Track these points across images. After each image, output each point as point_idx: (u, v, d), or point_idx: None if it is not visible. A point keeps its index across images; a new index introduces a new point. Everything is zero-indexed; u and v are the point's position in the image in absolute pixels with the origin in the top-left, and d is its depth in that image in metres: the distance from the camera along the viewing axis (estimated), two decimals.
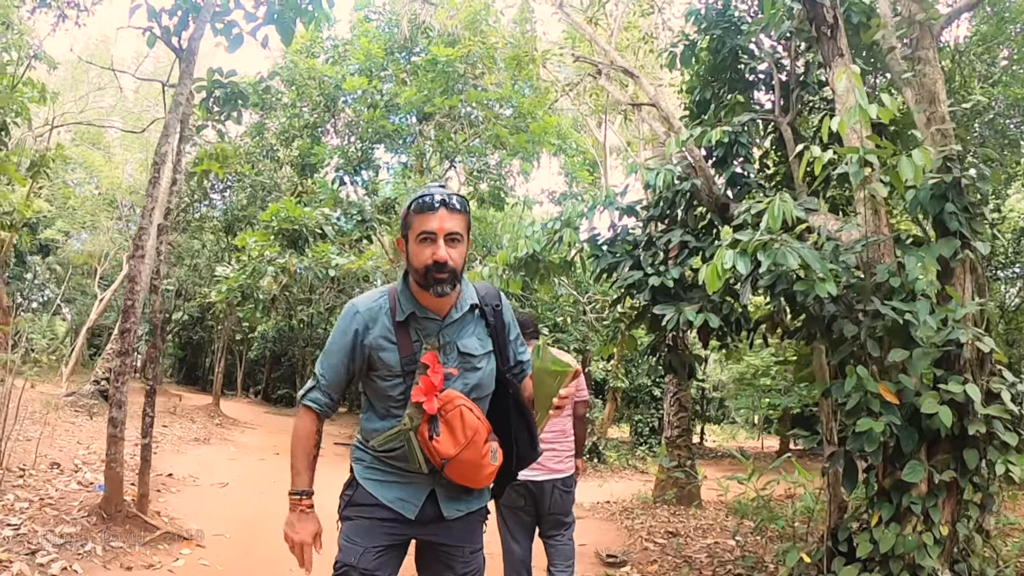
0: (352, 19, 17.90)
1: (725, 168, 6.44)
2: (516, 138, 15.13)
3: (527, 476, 3.95)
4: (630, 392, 19.51)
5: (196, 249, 22.43)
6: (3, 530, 5.39)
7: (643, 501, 10.42)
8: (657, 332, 6.67)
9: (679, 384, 10.83)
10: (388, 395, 2.40)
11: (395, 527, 2.44)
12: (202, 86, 8.14)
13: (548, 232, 6.93)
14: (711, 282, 4.26)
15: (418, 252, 2.32)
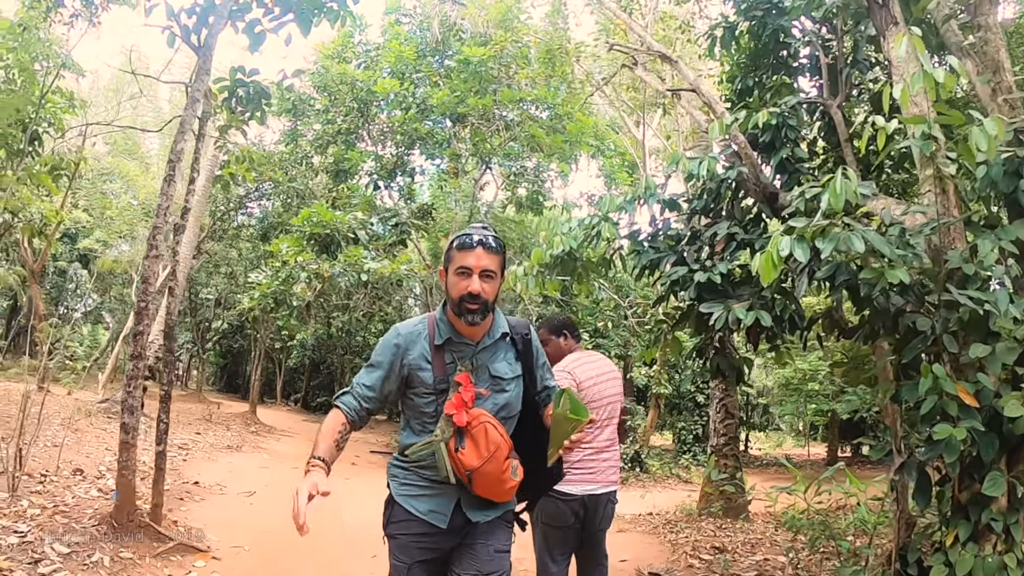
0: (383, 23, 17.69)
1: (773, 154, 6.00)
2: (552, 139, 14.80)
3: (585, 490, 3.89)
4: (673, 398, 18.96)
5: (233, 258, 22.36)
6: (9, 537, 5.15)
7: (688, 513, 9.85)
8: (703, 333, 6.22)
9: (726, 389, 10.28)
10: (423, 411, 2.63)
11: (431, 540, 2.65)
12: (225, 86, 7.94)
13: (585, 228, 6.50)
14: (766, 273, 3.82)
15: (456, 283, 2.59)
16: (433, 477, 2.62)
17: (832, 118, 6.04)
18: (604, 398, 4.08)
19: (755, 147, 6.16)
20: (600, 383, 4.10)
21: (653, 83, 8.43)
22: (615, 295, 15.96)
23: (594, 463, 3.99)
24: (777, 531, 8.26)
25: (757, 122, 5.38)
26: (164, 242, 6.63)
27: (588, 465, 3.96)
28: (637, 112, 16.93)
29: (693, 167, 5.80)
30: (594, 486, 3.94)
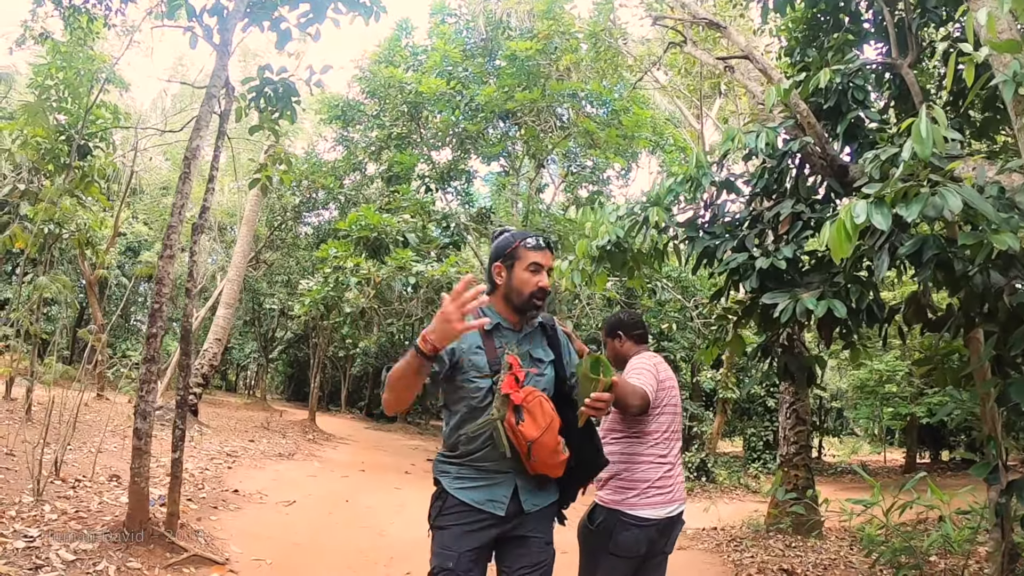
0: (430, 25, 17.48)
1: (840, 120, 5.37)
2: (607, 132, 14.31)
3: (665, 513, 3.40)
4: (742, 403, 18.19)
5: (291, 267, 22.45)
6: (17, 541, 4.91)
7: (755, 530, 9.09)
8: (769, 328, 5.66)
9: (796, 393, 9.45)
10: (474, 395, 2.68)
11: (484, 528, 2.69)
12: (253, 86, 7.74)
13: (632, 215, 5.99)
14: (838, 246, 3.27)
15: (527, 279, 2.76)
16: (488, 467, 2.70)
17: (903, 79, 5.42)
18: (678, 407, 3.62)
19: (819, 116, 5.56)
20: (675, 390, 3.61)
21: (704, 59, 7.83)
22: (680, 295, 15.34)
23: (671, 480, 3.49)
24: (853, 550, 7.57)
25: (820, 83, 4.81)
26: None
27: (667, 484, 3.46)
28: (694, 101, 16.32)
29: (750, 140, 5.25)
30: (672, 507, 3.45)
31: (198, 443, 12.29)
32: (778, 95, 4.90)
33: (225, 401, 26.32)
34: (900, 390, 16.51)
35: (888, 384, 16.51)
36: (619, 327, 3.81)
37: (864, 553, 6.17)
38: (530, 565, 2.75)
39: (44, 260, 10.87)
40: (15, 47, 10.41)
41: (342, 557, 6.59)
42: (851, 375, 17.85)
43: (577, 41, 14.00)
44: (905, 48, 5.62)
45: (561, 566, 2.90)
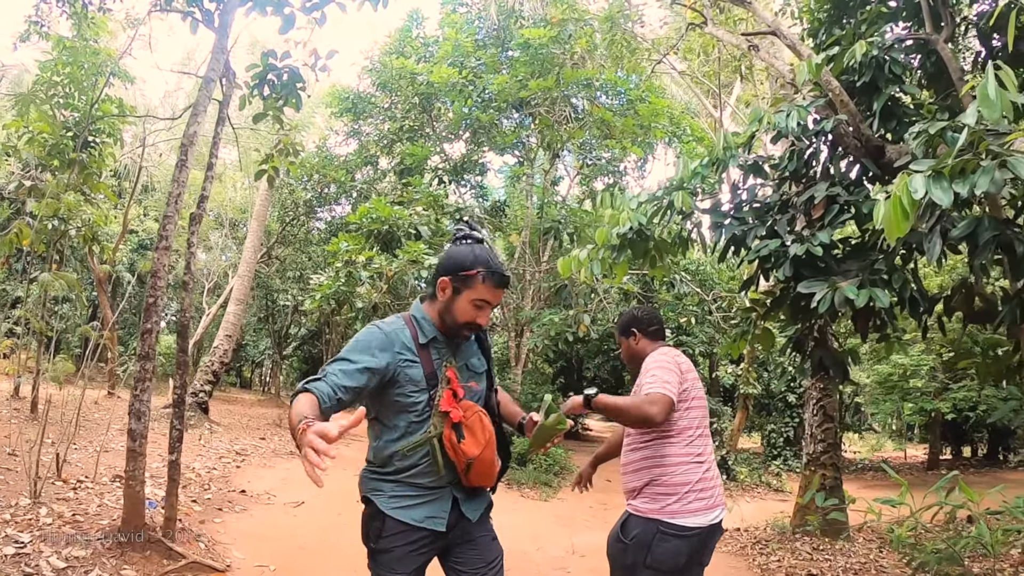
0: (441, 16, 17.21)
1: (876, 97, 5.01)
2: (623, 122, 13.99)
3: (708, 520, 3.11)
4: (762, 398, 17.81)
5: (303, 262, 22.29)
6: (7, 547, 4.70)
7: (780, 531, 8.71)
8: (802, 320, 5.34)
9: (824, 388, 8.95)
10: (410, 409, 2.56)
11: (427, 545, 2.63)
12: (257, 73, 7.49)
13: (656, 200, 5.68)
14: (895, 225, 2.94)
15: (467, 311, 2.60)
16: (425, 483, 2.61)
17: (939, 56, 5.08)
18: (704, 398, 3.32)
19: (851, 94, 5.24)
20: (699, 381, 3.31)
21: (727, 38, 7.49)
22: (698, 289, 15.00)
23: (711, 482, 3.19)
24: (882, 553, 7.25)
25: (855, 56, 4.47)
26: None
27: (707, 486, 3.15)
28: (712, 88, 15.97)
29: (780, 120, 4.93)
30: (714, 513, 3.14)
31: (207, 441, 12.08)
32: (809, 71, 4.58)
33: (239, 398, 26.21)
34: (925, 385, 16.10)
35: (913, 379, 16.10)
36: (633, 324, 3.53)
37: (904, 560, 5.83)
38: (485, 563, 2.75)
39: (50, 257, 10.74)
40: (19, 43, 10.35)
41: (349, 561, 6.31)
42: (873, 369, 17.41)
43: (592, 29, 13.70)
44: (939, 23, 5.28)
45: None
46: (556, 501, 10.95)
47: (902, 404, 17.38)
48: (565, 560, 6.96)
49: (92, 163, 10.20)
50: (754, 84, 16.35)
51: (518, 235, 15.91)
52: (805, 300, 4.58)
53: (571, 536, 7.92)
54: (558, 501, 10.91)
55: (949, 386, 15.59)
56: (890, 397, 17.48)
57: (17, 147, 9.84)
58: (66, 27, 10.72)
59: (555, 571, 6.54)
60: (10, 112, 11.02)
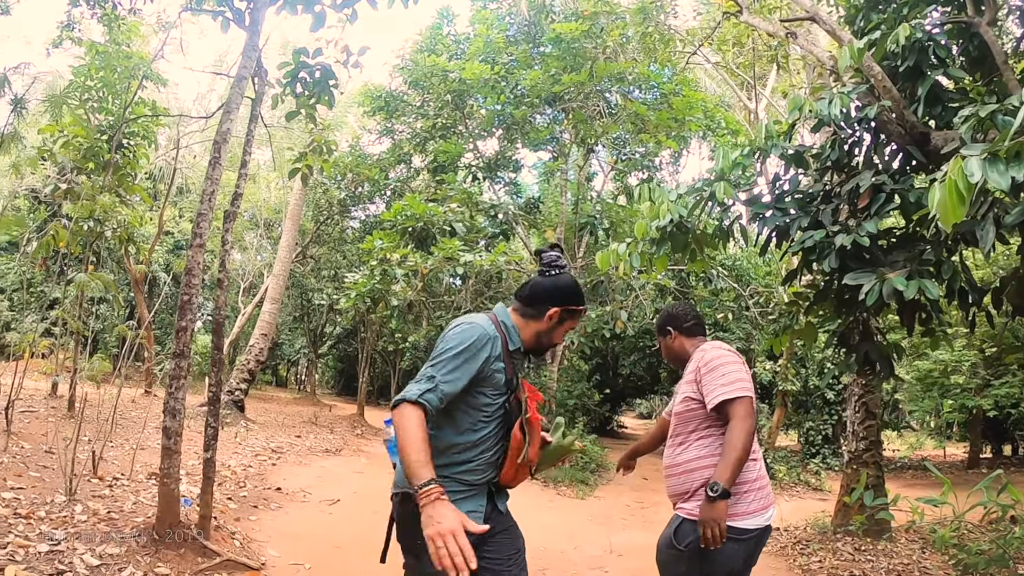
0: (471, 13, 17.17)
1: (921, 81, 4.83)
2: (657, 116, 13.83)
3: (764, 521, 2.99)
4: (799, 395, 17.50)
5: (338, 261, 22.41)
6: (40, 544, 4.68)
7: (821, 530, 8.46)
8: (848, 313, 5.19)
9: (866, 384, 8.64)
10: (483, 410, 2.65)
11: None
12: (290, 71, 7.49)
13: (696, 191, 5.54)
14: (950, 210, 2.76)
15: (561, 333, 2.84)
16: (471, 480, 2.68)
17: (982, 39, 4.89)
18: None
19: (894, 79, 5.06)
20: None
21: (763, 27, 7.32)
22: (735, 284, 14.79)
23: (764, 482, 3.04)
24: (925, 554, 7.04)
25: (899, 39, 4.32)
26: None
27: (763, 484, 3.03)
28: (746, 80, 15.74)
29: (821, 108, 4.77)
30: (770, 512, 3.02)
31: (243, 439, 12.14)
32: (851, 56, 4.42)
33: (275, 396, 26.42)
34: (966, 381, 15.70)
35: (954, 375, 15.70)
36: (669, 322, 3.42)
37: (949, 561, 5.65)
38: (516, 550, 2.86)
39: (87, 258, 10.85)
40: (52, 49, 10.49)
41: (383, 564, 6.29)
42: (913, 365, 17.03)
43: (624, 22, 13.55)
44: (980, 6, 5.09)
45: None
46: (593, 500, 10.85)
47: (942, 401, 16.97)
48: (603, 559, 6.85)
49: (127, 165, 10.33)
50: (790, 74, 16.09)
51: (553, 231, 15.82)
52: (851, 293, 4.45)
53: (608, 535, 7.82)
54: (595, 500, 10.80)
55: (991, 382, 15.20)
56: (930, 394, 17.07)
57: (52, 151, 9.97)
58: (98, 32, 10.85)
59: (592, 571, 6.44)
60: (45, 117, 11.17)
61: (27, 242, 13.32)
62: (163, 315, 25.18)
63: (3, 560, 4.27)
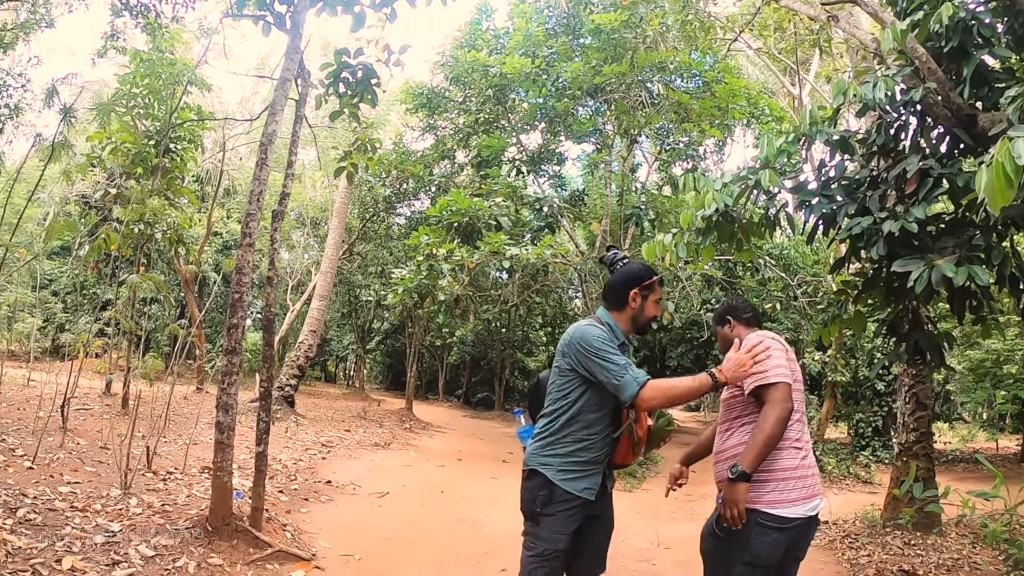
0: (509, 6, 17.11)
1: (966, 61, 4.72)
2: (700, 104, 13.69)
3: (807, 510, 3.00)
4: (849, 386, 17.20)
5: (384, 258, 22.61)
6: (97, 536, 4.87)
7: (870, 524, 8.28)
8: (897, 301, 5.11)
9: (917, 375, 8.47)
10: (601, 394, 3.14)
11: (581, 511, 3.19)
12: (332, 71, 7.60)
13: (741, 180, 5.50)
14: (998, 194, 2.74)
15: (652, 309, 3.32)
16: (587, 458, 3.18)
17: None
18: (802, 383, 3.20)
19: (939, 60, 4.96)
20: (797, 364, 3.18)
21: (804, 10, 7.22)
22: (783, 273, 14.58)
23: (810, 470, 3.05)
24: (976, 548, 6.88)
25: (942, 18, 4.24)
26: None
27: (806, 474, 3.03)
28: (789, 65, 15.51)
29: (866, 92, 4.69)
30: (813, 502, 3.01)
31: (293, 434, 12.34)
32: (894, 38, 4.34)
33: (324, 392, 26.78)
34: (1019, 371, 15.27)
35: (1007, 365, 15.28)
36: (728, 312, 3.52)
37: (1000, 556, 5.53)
38: (607, 531, 3.41)
39: (138, 260, 11.13)
40: (97, 59, 10.76)
41: (434, 552, 6.36)
42: (965, 355, 16.61)
43: (664, 11, 13.43)
44: None
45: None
46: (641, 492, 10.82)
47: (994, 392, 16.52)
48: (650, 552, 6.84)
49: (175, 168, 10.57)
50: (833, 58, 15.82)
51: (598, 223, 15.75)
52: (900, 280, 4.39)
53: (656, 528, 7.79)
54: (643, 492, 10.77)
55: None
56: (982, 384, 16.62)
57: (102, 157, 10.25)
58: (142, 41, 11.10)
59: (640, 563, 6.44)
60: (93, 125, 11.47)
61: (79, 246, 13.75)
62: (213, 314, 25.69)
63: (61, 551, 4.42)
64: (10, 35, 12.37)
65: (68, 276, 23.25)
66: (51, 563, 4.23)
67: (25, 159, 9.62)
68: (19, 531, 4.61)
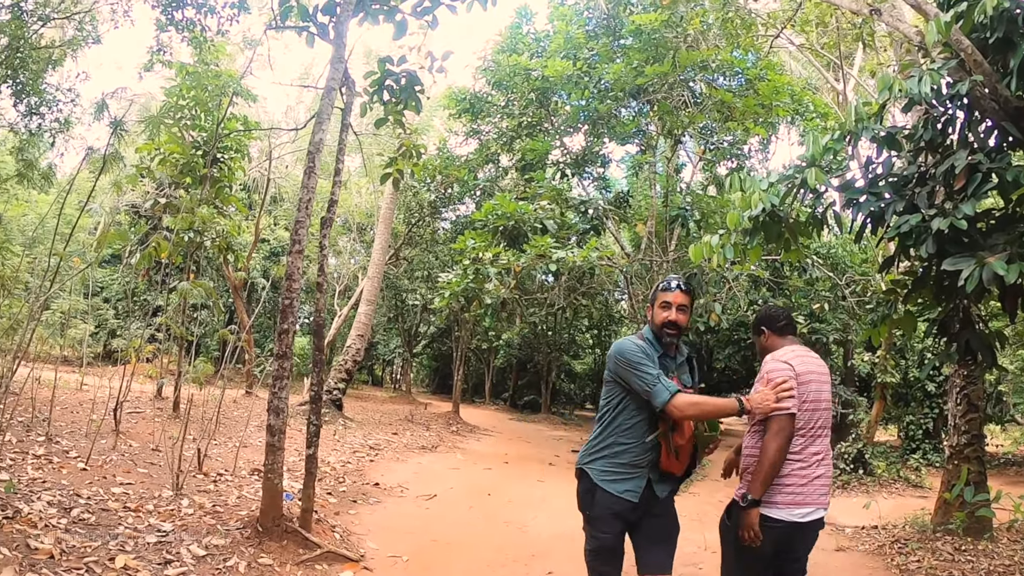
0: (549, 10, 17.13)
1: (1012, 52, 4.59)
2: (744, 102, 13.56)
3: (791, 516, 3.36)
4: (899, 388, 16.83)
5: (430, 262, 22.77)
6: (149, 535, 5.02)
7: (920, 529, 8.10)
8: (948, 300, 5.02)
9: (968, 375, 8.26)
10: (637, 401, 3.42)
11: (626, 513, 3.44)
12: (376, 79, 7.71)
13: (788, 179, 5.44)
14: None
15: (658, 314, 3.55)
16: (628, 461, 3.45)
17: None
18: (822, 402, 3.45)
19: (984, 52, 4.84)
20: (818, 383, 3.45)
21: (845, 4, 7.09)
22: (831, 273, 14.35)
23: (803, 479, 3.36)
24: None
25: (985, 9, 4.15)
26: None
27: (797, 483, 3.36)
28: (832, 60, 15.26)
29: (911, 86, 4.62)
30: (804, 510, 3.33)
31: (342, 437, 12.50)
32: (938, 30, 4.27)
33: (371, 395, 27.04)
34: None
35: None
36: (762, 323, 3.79)
37: None
38: (667, 534, 3.54)
39: (188, 267, 11.38)
40: (143, 73, 11.05)
41: (481, 554, 6.41)
42: (1017, 355, 16.16)
43: (704, 9, 13.33)
44: None
45: None
46: (688, 496, 10.74)
47: None
48: (697, 556, 6.80)
49: (222, 178, 10.79)
50: (877, 52, 15.54)
51: (643, 225, 15.68)
52: (950, 279, 4.31)
53: (704, 532, 7.74)
54: (690, 496, 10.69)
55: None
56: None
57: (151, 168, 10.52)
58: (187, 54, 11.36)
59: (687, 567, 6.40)
60: (142, 137, 11.77)
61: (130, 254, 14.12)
62: (261, 319, 26.13)
63: (114, 549, 4.55)
64: (59, 52, 12.76)
65: (119, 283, 23.86)
66: (104, 561, 4.36)
67: (77, 171, 9.92)
68: (73, 530, 4.76)
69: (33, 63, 11.84)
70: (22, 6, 11.08)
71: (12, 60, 11.30)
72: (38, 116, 12.34)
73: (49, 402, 7.88)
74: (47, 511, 5.03)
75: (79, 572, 4.14)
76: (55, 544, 4.36)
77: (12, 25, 10.98)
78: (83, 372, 13.39)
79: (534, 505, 8.81)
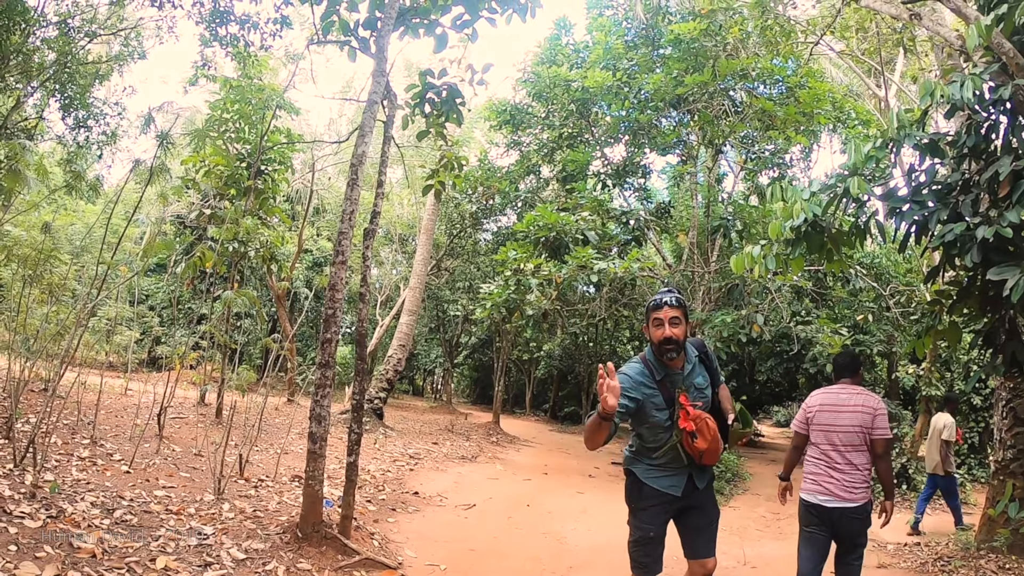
0: (588, 21, 17.15)
1: None
2: (784, 110, 13.43)
3: (816, 499, 4.42)
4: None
5: (472, 273, 22.88)
6: (190, 538, 5.13)
7: (964, 546, 7.87)
8: (993, 310, 4.94)
9: (1015, 388, 7.99)
10: (658, 424, 3.69)
11: (670, 504, 3.80)
12: (417, 92, 7.84)
13: (830, 188, 5.39)
14: None
15: (653, 332, 3.70)
16: (668, 464, 3.76)
17: None
18: (836, 426, 4.41)
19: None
20: (834, 412, 4.46)
21: (885, 10, 7.02)
22: (874, 283, 14.13)
23: (824, 475, 4.41)
24: None
25: None
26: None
27: (818, 477, 4.44)
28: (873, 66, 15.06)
29: (953, 92, 4.57)
30: (823, 497, 4.35)
31: (382, 445, 12.59)
32: (979, 34, 4.21)
33: (412, 405, 27.20)
34: None
35: None
36: (853, 366, 4.60)
37: None
38: (709, 521, 3.88)
39: (232, 277, 11.58)
40: (188, 87, 11.31)
41: (519, 564, 6.41)
42: None
43: (743, 17, 13.25)
44: None
45: None
46: (728, 509, 10.59)
47: None
48: (736, 571, 6.74)
49: (266, 189, 10.99)
50: (918, 57, 15.31)
51: (685, 235, 15.62)
52: (996, 288, 4.24)
53: (743, 546, 7.66)
54: (730, 509, 10.56)
55: None
56: None
57: (196, 180, 10.73)
58: (231, 68, 11.61)
59: None
60: (187, 149, 12.03)
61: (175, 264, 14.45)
62: (303, 328, 26.42)
63: (155, 551, 4.66)
64: (105, 67, 13.10)
65: (164, 292, 24.36)
66: (145, 562, 4.48)
67: (124, 183, 10.14)
68: (115, 531, 4.89)
69: (81, 78, 12.16)
70: (69, 23, 11.40)
71: (60, 75, 11.63)
72: (86, 129, 12.66)
73: (94, 406, 8.06)
74: (90, 511, 5.18)
75: (120, 572, 4.25)
76: (97, 544, 4.49)
77: (60, 41, 11.31)
78: (128, 378, 13.69)
79: (573, 517, 8.78)
